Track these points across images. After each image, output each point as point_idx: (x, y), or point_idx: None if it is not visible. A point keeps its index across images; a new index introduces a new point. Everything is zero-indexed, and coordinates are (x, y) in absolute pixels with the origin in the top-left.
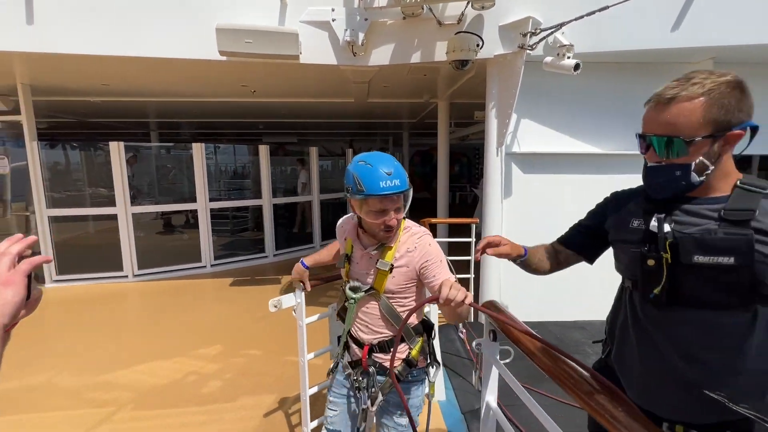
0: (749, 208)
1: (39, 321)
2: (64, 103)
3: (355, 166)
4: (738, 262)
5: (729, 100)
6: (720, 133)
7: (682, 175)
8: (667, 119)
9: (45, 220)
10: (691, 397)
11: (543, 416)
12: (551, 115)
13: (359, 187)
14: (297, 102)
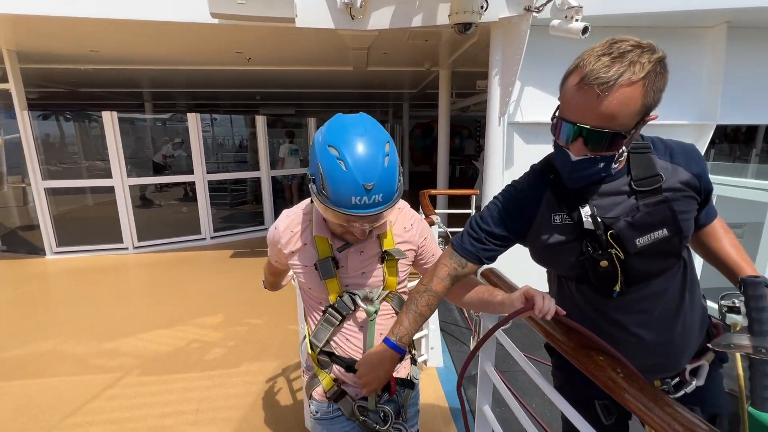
0: (653, 173)
1: (42, 291)
2: (53, 72)
3: (323, 155)
4: (670, 231)
5: (660, 84)
6: (644, 120)
7: (605, 167)
8: (608, 109)
9: (41, 192)
10: (659, 357)
11: (541, 380)
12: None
13: (323, 189)
14: (294, 70)
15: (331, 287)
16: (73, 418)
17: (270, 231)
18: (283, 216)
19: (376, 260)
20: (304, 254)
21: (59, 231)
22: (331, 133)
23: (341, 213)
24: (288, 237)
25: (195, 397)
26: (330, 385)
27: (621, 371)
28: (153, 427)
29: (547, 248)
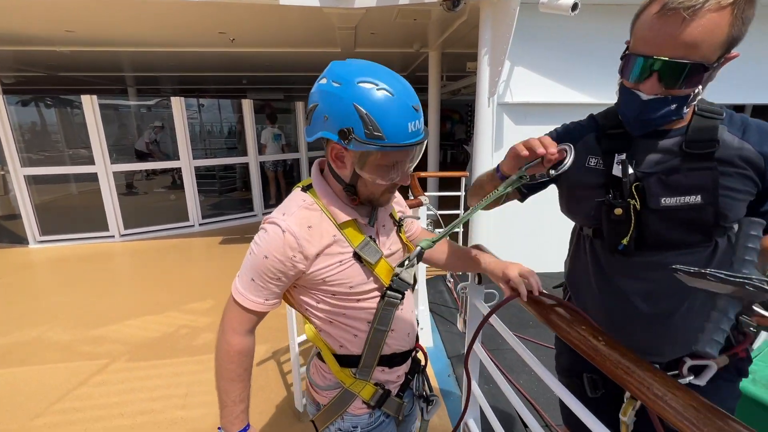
0: (711, 137)
1: (27, 279)
2: (29, 54)
3: (358, 94)
4: (704, 200)
5: (749, 14)
6: (725, 56)
7: (677, 108)
8: (691, 36)
9: (21, 180)
10: (654, 336)
11: (527, 355)
12: (546, 63)
13: (372, 130)
14: (280, 52)
15: (381, 268)
16: (60, 404)
17: (272, 242)
18: (282, 217)
19: (395, 229)
20: (337, 248)
21: (42, 220)
22: (352, 70)
23: (401, 149)
24: (310, 235)
25: (184, 382)
26: (372, 391)
27: (602, 339)
28: (142, 411)
29: (573, 190)
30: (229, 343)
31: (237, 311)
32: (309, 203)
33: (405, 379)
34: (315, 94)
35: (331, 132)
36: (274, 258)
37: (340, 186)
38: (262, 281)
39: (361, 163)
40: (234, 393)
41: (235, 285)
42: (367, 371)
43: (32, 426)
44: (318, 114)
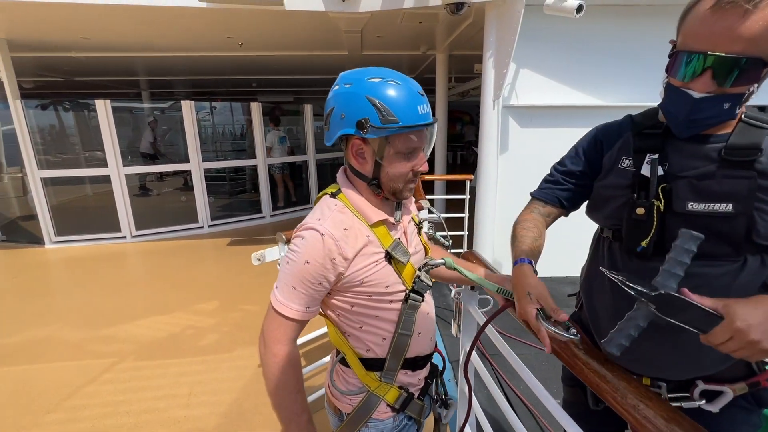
0: (754, 145)
1: (41, 278)
2: (47, 60)
3: (369, 87)
4: (736, 209)
5: None
6: None
7: (729, 108)
8: (751, 30)
9: (38, 181)
10: (664, 350)
11: (518, 364)
12: (552, 65)
13: (386, 115)
14: (288, 55)
15: (407, 270)
16: (70, 401)
17: (312, 247)
18: (318, 222)
19: (416, 230)
20: (372, 248)
21: (58, 220)
22: (361, 71)
23: (414, 129)
24: (347, 237)
25: (188, 381)
26: (397, 394)
27: (582, 347)
28: (146, 410)
29: (602, 190)
30: (277, 355)
31: (279, 321)
32: (340, 207)
33: (425, 382)
34: (330, 100)
35: (349, 127)
36: (315, 262)
37: (365, 184)
38: (303, 288)
39: (380, 153)
40: (297, 405)
41: (275, 296)
42: (391, 374)
43: (44, 421)
44: (335, 116)
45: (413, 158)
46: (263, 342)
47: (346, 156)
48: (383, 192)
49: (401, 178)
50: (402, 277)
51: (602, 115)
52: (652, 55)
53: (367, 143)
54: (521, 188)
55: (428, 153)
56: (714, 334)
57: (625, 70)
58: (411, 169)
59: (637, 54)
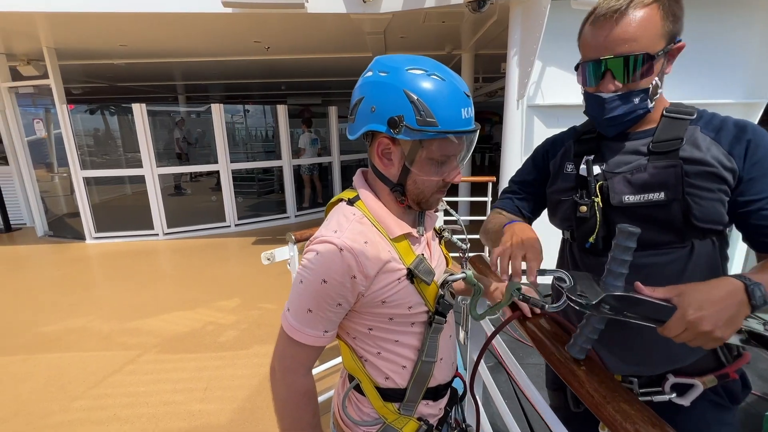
0: (676, 136)
1: (80, 272)
2: (91, 67)
3: (408, 80)
4: (668, 196)
5: (677, 9)
6: (670, 47)
7: (640, 102)
8: (626, 33)
9: (80, 181)
10: (631, 345)
11: (518, 371)
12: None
13: (425, 116)
14: (313, 58)
15: (431, 289)
16: (96, 389)
17: (329, 264)
18: (335, 235)
19: (437, 241)
20: (394, 264)
21: (98, 218)
22: (400, 59)
23: (456, 135)
24: (368, 251)
25: (205, 376)
26: (416, 427)
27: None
28: (165, 402)
29: (552, 195)
30: (291, 386)
31: (294, 349)
32: (359, 217)
33: (444, 411)
34: (360, 87)
35: (379, 123)
36: (334, 281)
37: (387, 189)
38: (321, 310)
39: (410, 157)
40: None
41: (287, 320)
42: (411, 405)
43: (71, 407)
44: (364, 107)
45: (446, 167)
46: (276, 371)
47: (369, 154)
48: (407, 200)
49: (430, 187)
50: (425, 297)
51: None
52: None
53: (396, 144)
54: None
55: (464, 163)
56: (668, 328)
57: None
58: (442, 179)
59: None
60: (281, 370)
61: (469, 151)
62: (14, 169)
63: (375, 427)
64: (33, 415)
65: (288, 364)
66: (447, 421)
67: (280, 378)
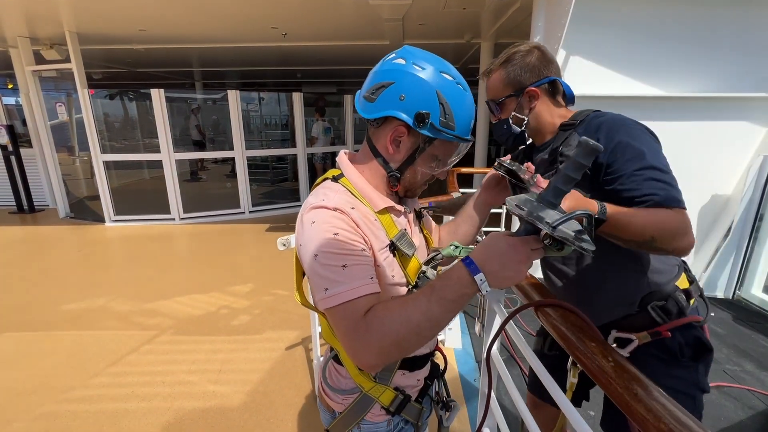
0: (558, 145)
1: (101, 253)
2: (112, 52)
3: (442, 83)
4: None
5: (521, 66)
6: (518, 92)
7: (507, 128)
8: (488, 88)
9: (100, 165)
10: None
11: (537, 364)
12: (607, 51)
13: (448, 119)
14: (330, 45)
15: (412, 265)
16: (114, 367)
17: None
18: (323, 201)
19: (416, 221)
20: (379, 234)
21: (117, 201)
22: (433, 59)
23: (465, 142)
24: (356, 216)
25: (219, 359)
26: (392, 396)
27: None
28: (180, 382)
29: None
30: (385, 333)
31: (352, 312)
32: (343, 190)
33: (424, 383)
34: (391, 72)
35: (406, 113)
36: (343, 230)
37: (381, 173)
38: (353, 258)
39: (420, 150)
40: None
41: (332, 296)
42: (387, 375)
43: (90, 383)
44: (393, 92)
45: (441, 164)
46: (354, 343)
47: (374, 135)
48: (399, 186)
49: (423, 179)
50: (406, 271)
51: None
52: (725, 44)
53: (410, 135)
54: None
55: (451, 165)
56: None
57: (693, 56)
58: (433, 174)
59: (708, 37)
60: (359, 340)
61: (461, 156)
62: (38, 152)
63: (353, 396)
64: (55, 390)
65: (355, 334)
66: (428, 393)
67: (371, 342)
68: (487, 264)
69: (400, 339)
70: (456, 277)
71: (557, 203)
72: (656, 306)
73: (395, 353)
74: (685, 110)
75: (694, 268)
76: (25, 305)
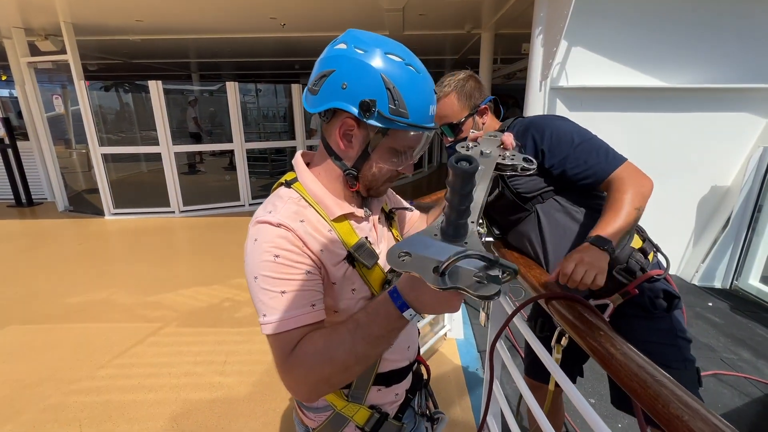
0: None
1: (101, 246)
2: (107, 43)
3: (387, 65)
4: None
5: (469, 89)
6: (474, 110)
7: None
8: (440, 114)
9: (99, 157)
10: None
11: (545, 356)
12: (609, 42)
13: (398, 106)
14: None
15: (375, 275)
16: (120, 359)
17: (272, 239)
18: (268, 215)
19: (386, 225)
20: (332, 247)
21: (116, 194)
22: (377, 40)
23: (422, 131)
24: (305, 230)
25: (224, 350)
26: (367, 415)
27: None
28: (186, 373)
29: None
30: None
31: (284, 344)
32: (296, 198)
33: (405, 397)
34: (332, 59)
35: (349, 103)
36: (285, 251)
37: (337, 173)
38: (293, 285)
39: (374, 143)
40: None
41: (269, 323)
42: (360, 393)
43: (97, 375)
44: (334, 81)
45: (404, 158)
46: (285, 377)
47: (326, 132)
48: (358, 184)
49: (384, 175)
50: (368, 282)
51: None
52: (726, 35)
53: (360, 127)
54: None
55: (417, 158)
56: None
57: (696, 48)
58: (397, 170)
59: (710, 28)
60: (286, 369)
61: (425, 147)
62: (35, 145)
63: (325, 414)
64: (62, 381)
65: (293, 362)
66: (410, 406)
67: (290, 374)
68: (416, 302)
69: (327, 376)
70: (384, 313)
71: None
72: (620, 270)
73: (325, 388)
74: (686, 101)
75: (692, 258)
76: (27, 298)
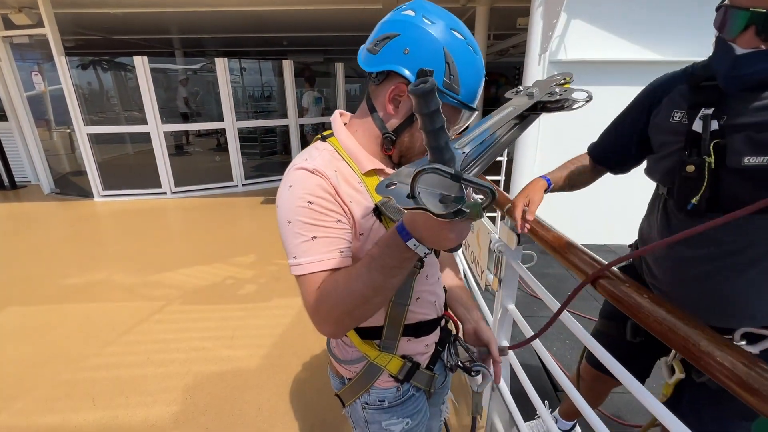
0: None
1: (93, 228)
2: (86, 17)
3: (451, 40)
4: None
5: None
6: None
7: None
8: None
9: (85, 138)
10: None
11: (570, 320)
12: (610, 14)
13: (452, 81)
14: (319, 10)
15: None
16: (127, 336)
17: (307, 185)
18: (305, 162)
19: None
20: (361, 199)
21: (104, 176)
22: (445, 14)
23: (468, 110)
24: (338, 179)
25: (231, 326)
26: (399, 364)
27: (647, 296)
28: (194, 348)
29: (657, 148)
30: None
31: (312, 284)
32: (331, 150)
33: (435, 349)
34: (398, 23)
35: (409, 69)
36: (319, 198)
37: (375, 134)
38: (324, 231)
39: (445, 109)
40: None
41: (296, 263)
42: (391, 343)
43: (105, 352)
44: (397, 45)
45: None
46: (313, 315)
47: (374, 93)
48: (393, 149)
49: (421, 147)
50: None
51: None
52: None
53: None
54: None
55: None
56: None
57: (695, 23)
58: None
59: (711, 5)
60: (318, 309)
61: (462, 127)
62: (14, 125)
63: (359, 365)
64: (70, 359)
65: (317, 299)
66: (440, 358)
67: (323, 313)
68: (414, 231)
69: (350, 309)
70: (394, 244)
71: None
72: None
73: (349, 322)
74: None
75: None
76: (22, 281)
